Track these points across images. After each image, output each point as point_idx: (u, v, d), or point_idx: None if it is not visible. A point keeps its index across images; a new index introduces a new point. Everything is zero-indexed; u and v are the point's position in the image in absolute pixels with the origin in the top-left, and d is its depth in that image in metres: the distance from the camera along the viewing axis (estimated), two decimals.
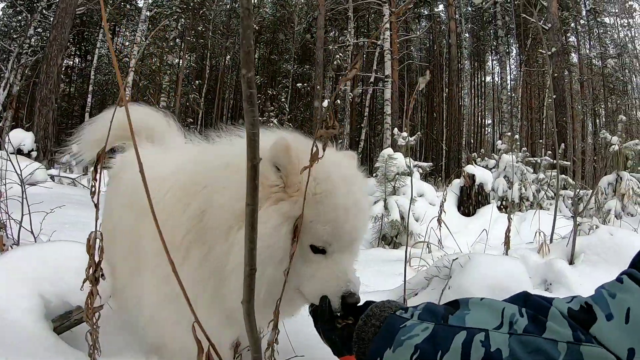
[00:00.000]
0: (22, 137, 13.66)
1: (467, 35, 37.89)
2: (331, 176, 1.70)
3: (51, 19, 23.06)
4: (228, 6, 36.33)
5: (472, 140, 41.05)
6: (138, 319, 2.03)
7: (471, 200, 9.33)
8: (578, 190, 6.89)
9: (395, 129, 10.18)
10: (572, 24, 33.73)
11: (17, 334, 1.84)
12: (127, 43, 34.64)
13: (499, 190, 10.56)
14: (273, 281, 1.63)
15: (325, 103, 17.96)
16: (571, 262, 4.52)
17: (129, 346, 2.16)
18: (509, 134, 16.05)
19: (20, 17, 28.11)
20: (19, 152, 12.78)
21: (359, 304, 1.59)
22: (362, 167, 2.00)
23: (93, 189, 1.42)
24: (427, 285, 2.45)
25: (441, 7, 35.87)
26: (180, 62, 30.87)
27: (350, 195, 1.75)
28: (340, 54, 24.31)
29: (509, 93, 35.59)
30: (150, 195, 1.27)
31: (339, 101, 24.58)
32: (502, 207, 10.56)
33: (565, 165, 13.38)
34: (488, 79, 43.42)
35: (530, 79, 32.31)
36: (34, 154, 13.95)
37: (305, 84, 31.88)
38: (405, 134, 9.02)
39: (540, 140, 25.13)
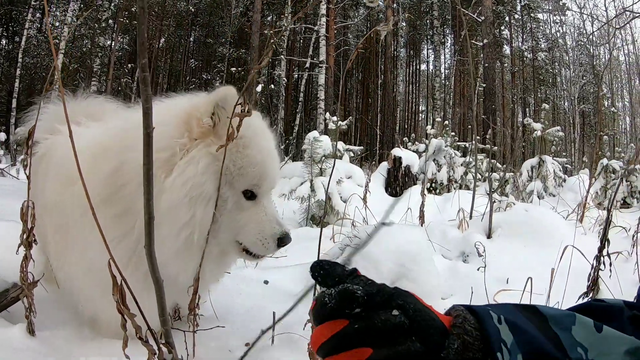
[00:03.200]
0: None
1: (404, 24, 38.46)
2: (252, 125, 1.89)
3: None
4: None
5: (406, 126, 41.88)
6: (72, 295, 2.08)
7: (398, 182, 9.68)
8: (490, 171, 7.31)
9: (327, 114, 10.37)
10: (507, 18, 34.93)
11: None
12: (57, 23, 33.27)
13: (428, 172, 10.95)
14: (204, 223, 1.76)
15: (259, 88, 17.95)
16: (489, 236, 4.87)
17: (66, 322, 2.20)
18: (439, 119, 16.56)
19: None
20: None
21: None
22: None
23: (25, 162, 1.54)
24: (341, 254, 2.69)
25: None
26: (113, 44, 30.00)
27: (269, 141, 2.01)
28: (276, 39, 24.25)
29: (443, 81, 36.58)
30: (70, 166, 1.40)
31: (273, 86, 24.55)
32: (431, 188, 11.03)
33: (492, 150, 14.00)
34: (423, 67, 44.28)
35: (464, 68, 33.25)
36: None
37: (240, 69, 31.62)
38: (335, 118, 9.23)
39: (469, 127, 25.97)
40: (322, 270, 0.85)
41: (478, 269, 3.48)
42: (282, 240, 1.91)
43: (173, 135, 1.78)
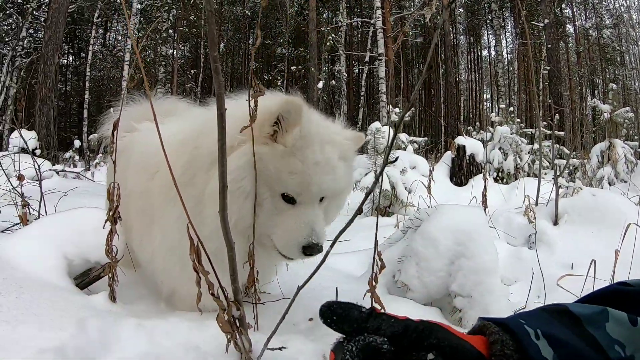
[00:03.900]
0: (25, 137, 13.91)
1: (461, 10, 37.78)
2: (309, 135, 1.91)
3: (42, 19, 23.09)
4: None
5: (471, 116, 41.08)
6: (153, 273, 2.30)
7: (463, 171, 9.50)
8: (556, 157, 7.13)
9: (389, 106, 10.34)
10: None
11: (47, 289, 2.03)
12: (119, 37, 34.70)
13: (494, 161, 10.73)
14: (242, 214, 1.88)
15: (320, 84, 18.11)
16: (555, 223, 4.77)
17: (144, 298, 2.40)
18: (503, 106, 16.17)
19: (10, 20, 27.42)
20: (23, 151, 13.01)
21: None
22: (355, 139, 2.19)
23: (111, 148, 1.73)
24: (403, 237, 2.76)
25: None
26: (174, 52, 30.96)
27: (322, 153, 1.94)
28: (334, 35, 24.35)
29: (505, 67, 35.62)
30: (157, 156, 1.63)
31: (334, 82, 24.67)
32: (498, 178, 10.75)
33: (559, 135, 13.50)
34: (485, 53, 43.25)
35: (527, 51, 32.33)
36: (38, 151, 14.22)
37: (300, 67, 31.92)
38: (397, 109, 9.22)
39: (534, 112, 25.20)
40: (335, 316, 0.75)
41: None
42: (307, 248, 1.92)
43: (236, 131, 1.85)
